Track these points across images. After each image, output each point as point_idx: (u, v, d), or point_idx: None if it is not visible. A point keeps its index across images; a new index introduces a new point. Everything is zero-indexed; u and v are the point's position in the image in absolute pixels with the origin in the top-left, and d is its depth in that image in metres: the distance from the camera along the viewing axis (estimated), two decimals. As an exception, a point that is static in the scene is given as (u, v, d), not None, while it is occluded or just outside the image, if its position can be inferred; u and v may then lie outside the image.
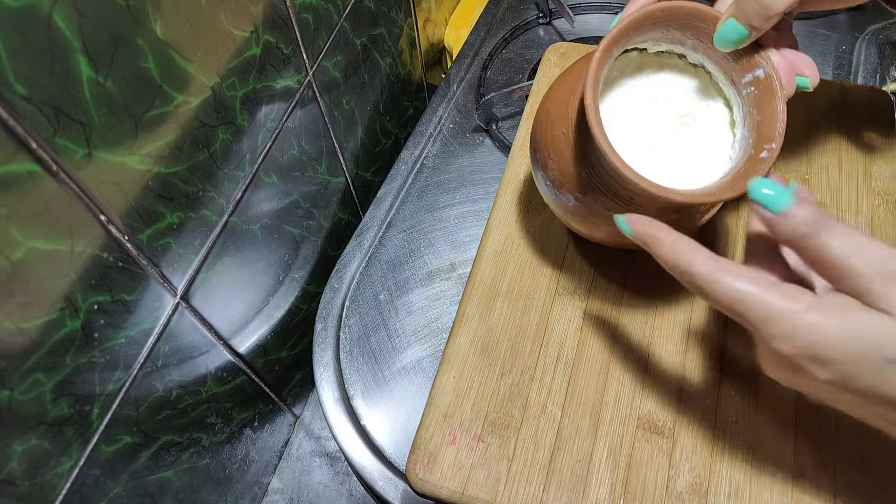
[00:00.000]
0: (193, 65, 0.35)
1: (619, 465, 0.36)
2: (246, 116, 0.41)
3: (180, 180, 0.36)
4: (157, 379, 0.38)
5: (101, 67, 0.29)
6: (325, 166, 0.55)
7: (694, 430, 0.36)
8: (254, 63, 0.40)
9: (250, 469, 0.54)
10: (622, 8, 0.33)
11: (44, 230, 0.28)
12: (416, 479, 0.36)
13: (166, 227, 0.36)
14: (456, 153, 0.59)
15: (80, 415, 0.33)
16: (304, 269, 0.55)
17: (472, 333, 0.41)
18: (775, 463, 0.35)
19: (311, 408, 0.62)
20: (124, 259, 0.33)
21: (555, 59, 0.54)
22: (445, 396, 0.39)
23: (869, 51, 0.63)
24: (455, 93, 0.64)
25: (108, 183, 0.31)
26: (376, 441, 0.45)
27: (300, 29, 0.45)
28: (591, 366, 0.39)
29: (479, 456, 0.36)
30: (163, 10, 0.32)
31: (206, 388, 0.44)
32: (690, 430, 0.36)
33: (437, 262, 0.53)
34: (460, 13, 0.76)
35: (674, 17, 0.32)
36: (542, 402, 0.38)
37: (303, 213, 0.53)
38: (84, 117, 0.28)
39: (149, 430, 0.39)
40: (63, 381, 0.31)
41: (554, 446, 0.36)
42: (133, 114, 0.31)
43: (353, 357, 0.49)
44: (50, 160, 0.27)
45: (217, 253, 0.42)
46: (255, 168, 0.44)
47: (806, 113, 0.48)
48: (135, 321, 0.35)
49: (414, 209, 0.56)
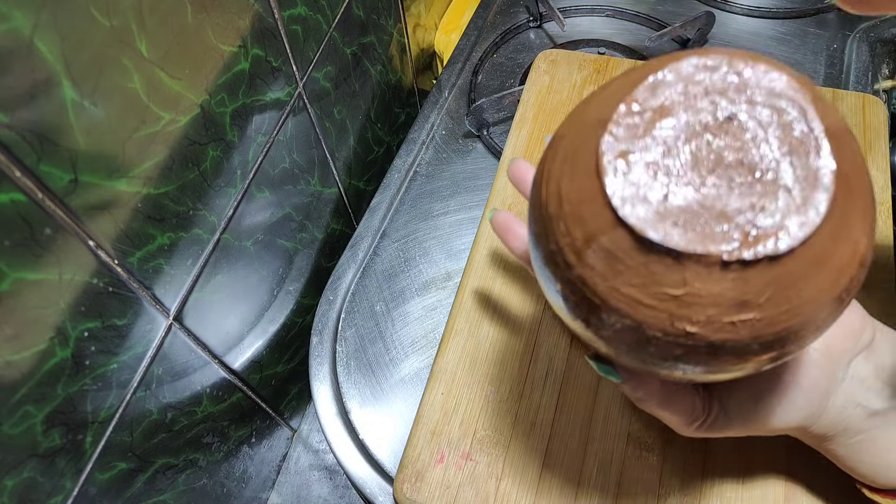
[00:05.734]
0: (181, 82, 0.34)
1: (610, 483, 0.35)
2: (236, 132, 0.40)
3: (170, 200, 0.35)
4: (152, 402, 0.38)
5: (86, 90, 0.28)
6: (317, 177, 0.54)
7: (684, 448, 0.36)
8: (243, 78, 0.40)
9: (249, 485, 0.53)
10: (612, 11, 0.32)
11: (30, 260, 0.27)
12: (403, 498, 0.36)
13: (157, 249, 0.35)
14: (449, 160, 0.59)
15: (73, 444, 0.32)
16: (298, 282, 0.55)
17: (460, 349, 0.40)
18: (766, 481, 0.35)
19: (309, 420, 0.62)
20: (115, 284, 0.32)
21: (545, 67, 0.53)
22: (433, 413, 0.38)
23: (860, 49, 0.63)
24: (447, 98, 0.64)
25: (96, 208, 0.30)
26: (375, 455, 0.45)
27: (289, 41, 0.44)
28: (580, 382, 0.38)
29: (467, 474, 0.36)
30: (148, 28, 0.31)
31: (202, 407, 0.43)
32: (680, 447, 0.36)
33: (433, 271, 0.52)
34: (450, 17, 0.76)
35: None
36: (531, 419, 0.37)
37: (296, 225, 0.52)
38: (69, 142, 0.28)
39: (144, 455, 0.38)
40: (54, 411, 0.30)
41: (543, 464, 0.36)
42: (120, 136, 0.31)
43: (350, 370, 0.48)
44: (35, 188, 0.26)
45: (210, 271, 0.41)
46: (246, 183, 0.43)
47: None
48: (127, 345, 0.34)
49: (408, 218, 0.55)
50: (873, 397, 0.29)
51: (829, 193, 0.19)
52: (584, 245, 0.21)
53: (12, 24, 0.24)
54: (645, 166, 0.20)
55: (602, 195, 0.20)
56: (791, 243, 0.19)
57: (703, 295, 0.19)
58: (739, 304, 0.19)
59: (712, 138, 0.20)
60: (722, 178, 0.20)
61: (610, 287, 0.21)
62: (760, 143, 0.20)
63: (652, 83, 0.21)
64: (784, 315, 0.20)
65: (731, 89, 0.21)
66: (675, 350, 0.21)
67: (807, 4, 0.68)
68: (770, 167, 0.20)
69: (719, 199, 0.19)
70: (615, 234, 0.20)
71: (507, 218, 0.34)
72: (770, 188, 0.19)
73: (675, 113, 0.21)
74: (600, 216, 0.20)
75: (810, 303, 0.20)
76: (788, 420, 0.29)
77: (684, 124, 0.20)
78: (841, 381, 0.29)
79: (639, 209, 0.20)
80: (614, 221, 0.20)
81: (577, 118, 0.23)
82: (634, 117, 0.21)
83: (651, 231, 0.19)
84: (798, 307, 0.20)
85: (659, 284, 0.20)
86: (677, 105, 0.21)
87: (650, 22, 0.67)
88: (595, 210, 0.20)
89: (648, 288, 0.20)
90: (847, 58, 0.63)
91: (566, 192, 0.22)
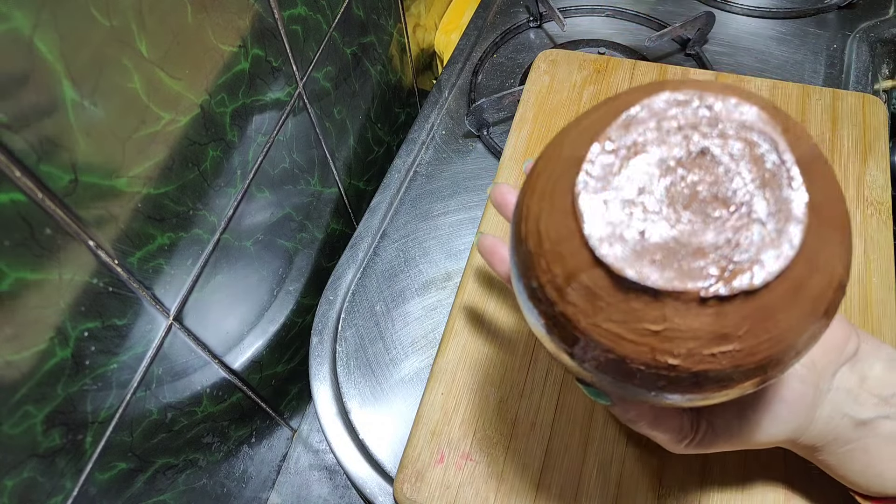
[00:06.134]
0: (181, 82, 0.34)
1: (609, 484, 0.35)
2: (236, 132, 0.40)
3: (170, 200, 0.35)
4: (152, 402, 0.38)
5: (86, 90, 0.28)
6: (317, 177, 0.54)
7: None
8: (243, 77, 0.40)
9: (249, 485, 0.53)
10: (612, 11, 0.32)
11: (30, 260, 0.27)
12: (403, 498, 0.36)
13: (157, 249, 0.35)
14: (449, 160, 0.59)
15: (73, 444, 0.32)
16: (298, 282, 0.55)
17: (460, 349, 0.40)
18: (766, 484, 0.35)
19: (309, 420, 0.62)
20: (115, 284, 0.32)
21: (545, 67, 0.53)
22: (433, 413, 0.38)
23: (860, 49, 0.63)
24: (447, 99, 0.64)
25: (96, 208, 0.30)
26: (375, 455, 0.45)
27: (289, 41, 0.44)
28: None
29: (467, 474, 0.36)
30: (148, 28, 0.31)
31: (202, 407, 0.43)
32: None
33: (433, 271, 0.52)
34: (450, 17, 0.76)
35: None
36: (532, 419, 0.37)
37: (296, 225, 0.52)
38: (69, 142, 0.28)
39: (144, 455, 0.38)
40: (54, 411, 0.30)
41: (543, 464, 0.36)
42: (120, 136, 0.31)
43: (351, 370, 0.48)
44: (35, 188, 0.26)
45: (210, 271, 0.41)
46: (246, 183, 0.43)
47: (799, 121, 0.48)
48: (127, 346, 0.34)
49: (408, 218, 0.55)
50: (860, 407, 0.29)
51: (802, 225, 0.19)
52: (564, 283, 0.21)
53: (12, 24, 0.24)
54: (620, 204, 0.20)
55: (579, 235, 0.20)
56: (766, 277, 0.19)
57: (682, 329, 0.20)
58: (719, 336, 0.20)
59: (686, 173, 0.20)
60: (697, 213, 0.20)
61: (592, 323, 0.21)
62: (734, 176, 0.20)
63: (625, 120, 0.21)
64: (764, 345, 0.20)
65: (703, 123, 0.21)
66: (659, 381, 0.21)
67: (807, 4, 0.68)
68: (744, 201, 0.20)
69: (695, 234, 0.20)
70: (594, 272, 0.20)
71: (493, 242, 0.34)
72: (744, 222, 0.20)
73: (648, 149, 0.21)
74: (578, 255, 0.21)
75: (789, 331, 0.20)
76: (775, 434, 0.29)
77: (658, 161, 0.21)
78: (826, 392, 0.29)
79: (616, 248, 0.20)
80: (592, 261, 0.20)
81: (553, 153, 0.24)
82: (609, 156, 0.21)
83: (629, 270, 0.20)
84: (777, 336, 0.20)
85: (639, 320, 0.20)
86: (650, 142, 0.21)
87: (650, 22, 0.67)
88: (573, 249, 0.21)
89: (629, 324, 0.20)
90: (847, 58, 0.63)
91: (545, 230, 0.22)
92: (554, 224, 0.22)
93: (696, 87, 0.21)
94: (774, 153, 0.20)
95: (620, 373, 0.22)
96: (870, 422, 0.29)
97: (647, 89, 0.22)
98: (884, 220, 0.43)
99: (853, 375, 0.29)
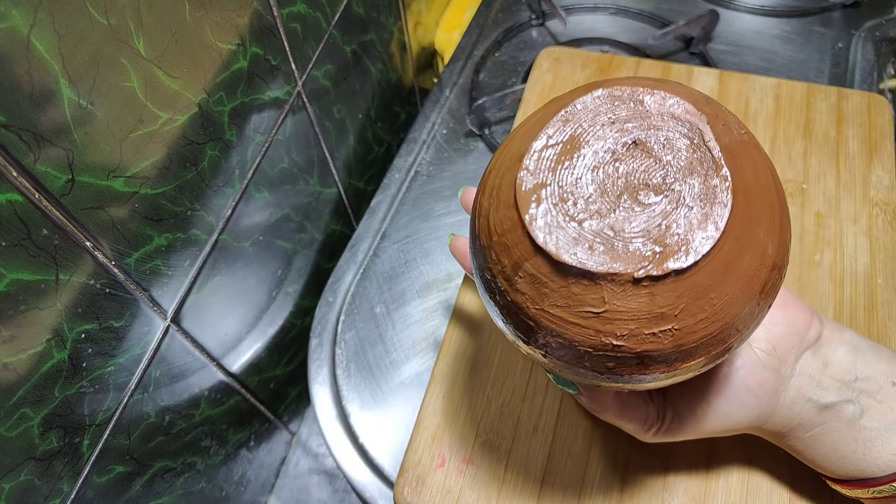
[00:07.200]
0: (179, 81, 0.34)
1: (612, 488, 0.35)
2: (234, 131, 0.40)
3: (168, 200, 0.35)
4: (149, 405, 0.37)
5: (83, 89, 0.28)
6: (316, 177, 0.54)
7: (687, 452, 0.35)
8: (241, 76, 0.39)
9: (248, 489, 0.53)
10: (615, 8, 0.32)
11: (27, 261, 0.27)
12: (404, 503, 0.35)
13: (154, 250, 0.35)
14: (450, 159, 0.59)
15: (70, 447, 0.31)
16: (297, 284, 0.54)
17: (461, 351, 0.40)
18: (771, 486, 0.34)
19: (308, 423, 0.61)
20: (112, 285, 0.32)
21: (547, 65, 0.53)
22: (434, 417, 0.38)
23: (866, 48, 0.63)
24: (448, 97, 0.63)
25: (93, 208, 0.29)
26: (375, 459, 0.44)
27: (288, 39, 0.44)
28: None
29: (468, 479, 0.36)
30: (145, 27, 0.30)
31: (200, 410, 0.43)
32: (684, 451, 0.36)
33: (434, 272, 0.52)
34: (451, 15, 0.75)
35: None
36: (534, 422, 0.37)
37: (295, 226, 0.52)
38: (66, 142, 0.27)
39: (142, 458, 0.37)
40: (51, 413, 0.30)
41: (545, 469, 0.35)
42: (117, 135, 0.30)
43: (350, 373, 0.48)
44: (31, 188, 0.26)
45: (207, 272, 0.40)
46: (245, 183, 0.43)
47: (804, 120, 0.48)
48: (124, 348, 0.34)
49: (409, 218, 0.55)
50: (823, 392, 0.29)
51: (727, 208, 0.21)
52: (512, 272, 0.23)
53: (9, 23, 0.23)
54: (559, 195, 0.22)
55: (521, 225, 0.22)
56: (695, 257, 0.20)
57: (622, 311, 0.21)
58: (657, 316, 0.21)
59: (619, 164, 0.22)
60: (630, 200, 0.22)
61: (540, 309, 0.22)
62: (664, 165, 0.22)
63: (562, 116, 0.23)
64: (702, 323, 0.21)
65: (634, 117, 0.23)
66: (608, 363, 0.23)
67: (812, 3, 0.67)
68: (673, 187, 0.21)
69: (628, 220, 0.21)
70: (536, 260, 0.22)
71: (464, 243, 0.35)
72: (674, 207, 0.21)
73: (583, 143, 0.23)
74: (522, 244, 0.22)
75: (725, 309, 0.22)
76: (740, 419, 0.30)
77: (593, 153, 0.22)
78: (789, 377, 0.30)
79: (554, 236, 0.21)
80: (534, 249, 0.22)
81: (501, 153, 0.25)
82: (547, 150, 0.23)
83: (566, 255, 0.21)
84: (714, 315, 0.21)
85: (581, 304, 0.21)
86: (586, 135, 0.23)
87: (654, 20, 0.67)
88: (517, 239, 0.22)
89: (573, 308, 0.22)
90: (852, 57, 0.62)
91: (493, 224, 0.24)
92: (500, 217, 0.23)
93: (631, 83, 0.23)
94: (701, 142, 0.22)
95: (571, 356, 0.23)
96: (833, 406, 0.29)
97: (585, 88, 0.24)
98: (889, 221, 0.42)
99: (816, 361, 0.30)
